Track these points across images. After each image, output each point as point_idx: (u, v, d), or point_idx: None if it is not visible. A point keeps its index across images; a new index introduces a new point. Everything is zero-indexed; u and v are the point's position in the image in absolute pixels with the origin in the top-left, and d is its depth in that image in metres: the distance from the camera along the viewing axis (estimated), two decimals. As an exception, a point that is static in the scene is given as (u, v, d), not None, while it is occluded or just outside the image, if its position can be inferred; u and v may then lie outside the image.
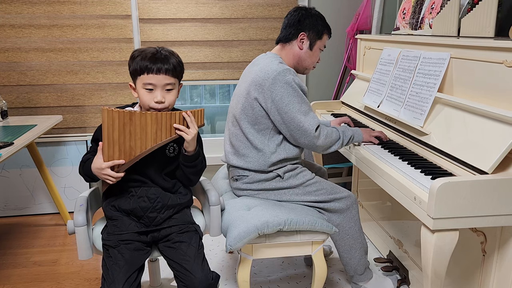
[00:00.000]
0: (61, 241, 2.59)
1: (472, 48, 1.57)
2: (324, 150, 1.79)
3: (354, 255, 1.90)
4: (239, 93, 1.82)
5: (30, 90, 2.86)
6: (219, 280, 1.52)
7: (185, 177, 1.61)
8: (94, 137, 1.59)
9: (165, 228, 1.55)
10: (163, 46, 1.61)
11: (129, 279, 1.42)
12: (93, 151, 1.58)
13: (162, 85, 1.50)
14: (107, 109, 1.42)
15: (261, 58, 1.85)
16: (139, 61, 1.48)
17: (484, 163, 1.36)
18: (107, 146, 1.45)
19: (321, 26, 1.86)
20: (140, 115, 1.46)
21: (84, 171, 1.53)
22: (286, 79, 1.69)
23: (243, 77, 1.87)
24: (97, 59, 2.86)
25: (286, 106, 1.69)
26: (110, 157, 1.46)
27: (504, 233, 1.43)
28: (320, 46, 1.89)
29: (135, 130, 1.46)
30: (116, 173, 1.46)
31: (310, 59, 1.89)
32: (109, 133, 1.44)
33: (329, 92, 3.21)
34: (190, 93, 4.45)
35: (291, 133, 1.73)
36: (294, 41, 1.85)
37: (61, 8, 2.76)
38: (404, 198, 1.47)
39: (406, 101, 1.88)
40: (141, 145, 1.48)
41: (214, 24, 2.94)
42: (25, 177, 2.90)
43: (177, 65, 1.53)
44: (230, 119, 1.88)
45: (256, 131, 1.76)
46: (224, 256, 2.37)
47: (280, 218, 1.64)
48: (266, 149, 1.76)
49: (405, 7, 2.38)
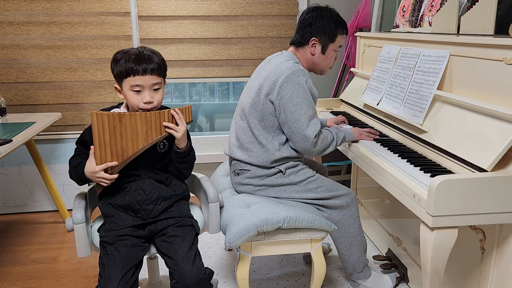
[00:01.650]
0: (60, 238, 2.59)
1: (471, 45, 1.57)
2: (318, 154, 1.81)
3: (353, 252, 1.90)
4: (251, 88, 1.81)
5: (29, 87, 2.85)
6: (212, 276, 1.52)
7: (179, 172, 1.63)
8: (81, 139, 1.59)
9: (161, 220, 1.55)
10: (162, 43, 1.61)
11: (126, 275, 1.42)
12: (79, 153, 1.58)
13: (150, 86, 1.50)
14: (96, 112, 1.42)
15: (277, 56, 1.84)
16: (123, 64, 1.47)
17: (483, 161, 1.36)
18: (98, 149, 1.45)
19: (333, 28, 1.81)
20: (129, 116, 1.46)
21: (76, 176, 1.53)
22: (299, 80, 1.69)
23: (256, 73, 1.87)
24: (96, 56, 2.86)
25: (293, 106, 1.69)
26: (102, 160, 1.46)
27: (503, 230, 1.43)
28: (334, 48, 1.86)
29: (125, 131, 1.46)
30: (110, 175, 1.47)
31: (325, 62, 1.88)
32: (99, 137, 1.44)
33: (328, 90, 3.21)
34: (189, 90, 4.44)
35: (291, 135, 1.73)
36: (306, 46, 1.83)
37: (60, 5, 2.75)
38: (403, 195, 1.47)
39: (406, 98, 1.87)
40: (132, 146, 1.48)
41: (213, 21, 2.94)
42: (24, 174, 2.90)
43: (161, 64, 1.52)
44: (238, 113, 1.87)
45: (262, 127, 1.76)
46: (223, 254, 2.37)
47: (279, 216, 1.64)
48: (269, 146, 1.76)
49: (405, 5, 2.37)
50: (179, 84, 4.00)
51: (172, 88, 4.27)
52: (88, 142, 1.53)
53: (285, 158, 1.79)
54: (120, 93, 1.55)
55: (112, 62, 1.52)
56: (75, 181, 1.56)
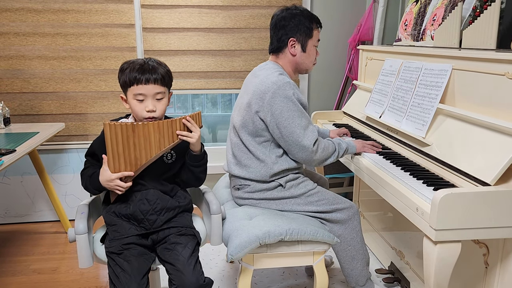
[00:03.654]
0: (61, 249, 2.58)
1: (474, 60, 1.58)
2: (319, 164, 1.80)
3: (356, 266, 1.89)
4: (241, 105, 1.82)
5: (33, 97, 2.87)
6: (212, 285, 1.52)
7: (195, 177, 1.65)
8: (90, 151, 1.62)
9: (164, 230, 1.56)
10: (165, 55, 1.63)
11: (140, 283, 1.43)
12: (91, 166, 1.61)
13: (152, 95, 1.53)
14: (109, 123, 1.46)
15: (262, 69, 1.83)
16: (128, 73, 1.52)
17: (486, 175, 1.35)
18: (112, 159, 1.49)
19: (308, 24, 1.79)
20: (142, 126, 1.49)
21: (92, 185, 1.56)
22: (286, 93, 1.69)
23: (244, 88, 1.87)
24: (100, 67, 2.88)
25: (285, 120, 1.69)
26: (116, 169, 1.50)
27: (506, 245, 1.42)
28: (314, 43, 1.84)
29: (139, 141, 1.49)
30: (125, 183, 1.51)
31: (308, 60, 1.86)
32: (113, 147, 1.47)
33: (331, 102, 3.22)
34: (192, 101, 4.46)
35: (289, 148, 1.74)
36: (286, 49, 1.82)
37: (66, 16, 2.78)
38: (406, 209, 1.47)
39: (408, 111, 1.88)
40: (146, 154, 1.51)
41: (217, 33, 2.96)
42: (26, 184, 2.90)
43: (165, 74, 1.55)
44: (231, 130, 1.88)
45: (257, 143, 1.77)
46: (225, 266, 2.36)
47: (282, 228, 1.63)
48: (268, 160, 1.76)
49: (407, 19, 2.39)
50: (182, 95, 4.03)
51: (175, 99, 4.30)
52: (98, 153, 1.56)
53: (284, 171, 1.79)
54: (126, 102, 1.58)
55: (119, 72, 1.56)
56: (90, 191, 1.59)
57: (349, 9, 3.08)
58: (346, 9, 3.08)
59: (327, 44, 3.10)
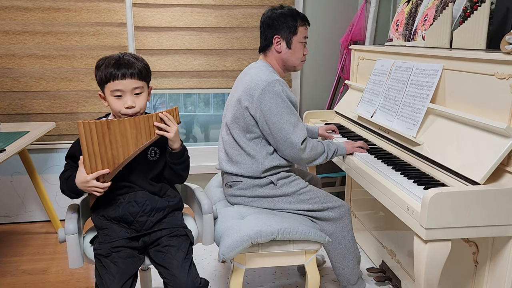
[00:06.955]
0: (51, 249, 2.56)
1: (464, 60, 1.59)
2: (308, 163, 1.81)
3: (347, 264, 1.89)
4: (231, 102, 1.83)
5: (23, 96, 2.84)
6: (207, 286, 1.50)
7: (176, 174, 1.61)
8: (69, 153, 1.57)
9: (155, 232, 1.54)
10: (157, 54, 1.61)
11: (124, 286, 1.41)
12: (70, 168, 1.56)
13: (130, 90, 1.49)
14: (83, 122, 1.41)
15: (252, 67, 1.85)
16: (104, 69, 1.48)
17: (476, 174, 1.37)
18: (88, 159, 1.43)
19: (291, 21, 1.82)
20: (118, 122, 1.45)
21: (68, 188, 1.51)
22: (275, 90, 1.70)
23: (235, 86, 1.89)
24: (91, 66, 2.85)
25: (274, 116, 1.70)
26: (93, 169, 1.44)
27: (495, 243, 1.44)
28: (299, 40, 1.86)
29: (115, 138, 1.45)
30: (102, 183, 1.45)
31: (294, 56, 1.87)
32: (88, 146, 1.42)
33: (323, 102, 3.23)
34: (184, 101, 4.45)
35: (277, 144, 1.74)
36: (272, 47, 1.85)
37: (56, 15, 2.76)
38: (397, 208, 1.48)
39: (399, 111, 1.89)
40: (123, 152, 1.47)
41: (209, 33, 2.96)
42: (16, 184, 2.87)
43: (142, 68, 1.51)
44: (223, 127, 1.89)
45: (248, 139, 1.78)
46: (216, 265, 2.36)
47: (273, 228, 1.63)
48: (258, 156, 1.77)
49: (398, 19, 2.41)
50: (174, 94, 4.02)
51: (167, 98, 4.28)
52: (77, 156, 1.50)
53: (275, 167, 1.79)
54: (105, 100, 1.54)
55: (95, 69, 1.51)
56: (67, 195, 1.53)
57: (341, 9, 3.09)
58: (338, 9, 3.09)
59: (319, 43, 3.11)
